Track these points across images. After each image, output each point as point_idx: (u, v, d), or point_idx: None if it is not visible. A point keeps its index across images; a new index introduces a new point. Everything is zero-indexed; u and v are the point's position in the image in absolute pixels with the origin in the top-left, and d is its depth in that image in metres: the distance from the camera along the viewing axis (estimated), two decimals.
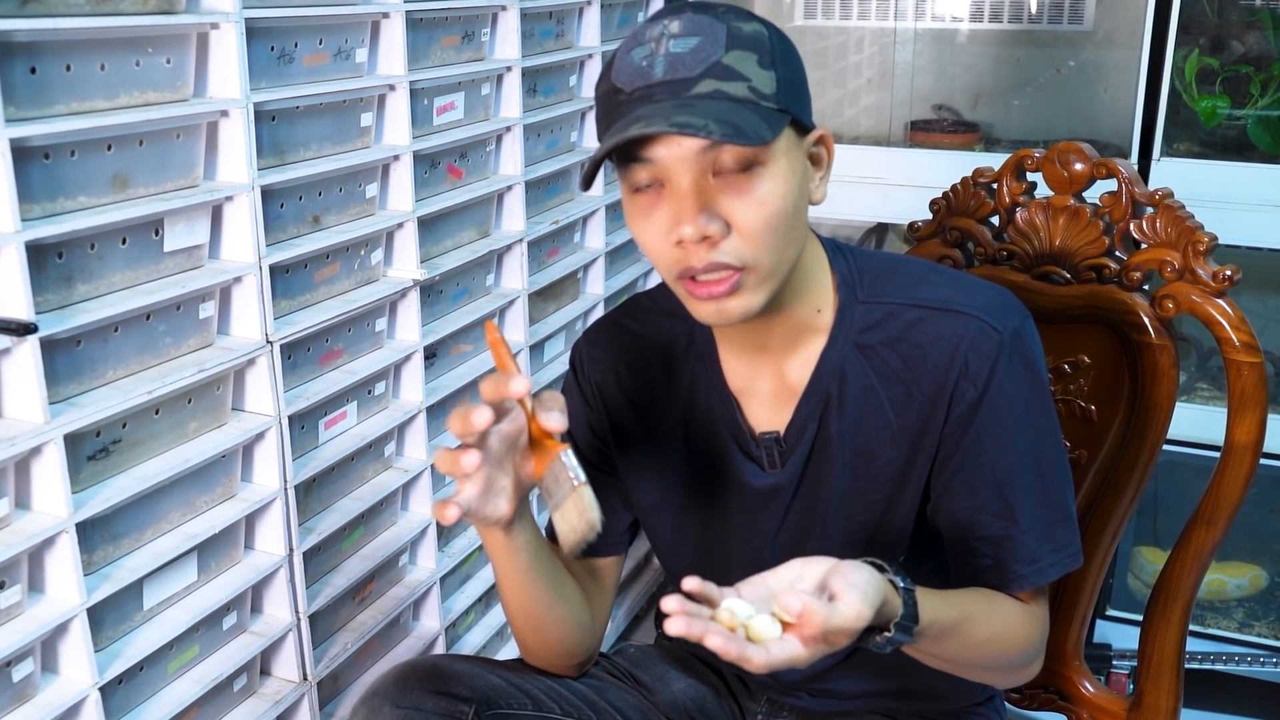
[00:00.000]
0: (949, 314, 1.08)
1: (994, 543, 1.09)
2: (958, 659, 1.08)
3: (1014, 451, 1.08)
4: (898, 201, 2.25)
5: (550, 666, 1.22)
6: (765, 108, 0.96)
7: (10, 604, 1.17)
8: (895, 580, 0.95)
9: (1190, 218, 1.31)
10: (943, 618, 0.99)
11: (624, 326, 1.22)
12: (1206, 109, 2.10)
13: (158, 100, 1.26)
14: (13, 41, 1.08)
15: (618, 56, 0.99)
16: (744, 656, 0.84)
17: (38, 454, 1.16)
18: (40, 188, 1.14)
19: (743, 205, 0.97)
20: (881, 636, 0.93)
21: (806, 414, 1.12)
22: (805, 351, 1.11)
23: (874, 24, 2.47)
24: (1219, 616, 2.26)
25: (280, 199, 1.43)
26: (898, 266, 1.14)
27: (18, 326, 1.09)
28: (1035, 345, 1.10)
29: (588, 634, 1.21)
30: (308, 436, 1.54)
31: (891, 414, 1.09)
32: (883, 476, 1.11)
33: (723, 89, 0.95)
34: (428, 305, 1.72)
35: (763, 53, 0.97)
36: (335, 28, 1.49)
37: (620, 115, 0.97)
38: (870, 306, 1.10)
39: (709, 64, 0.95)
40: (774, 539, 1.16)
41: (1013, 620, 1.10)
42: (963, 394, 1.07)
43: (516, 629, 1.20)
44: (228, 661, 1.43)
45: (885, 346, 1.09)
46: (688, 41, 0.96)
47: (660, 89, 0.96)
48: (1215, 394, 2.21)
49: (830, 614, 0.86)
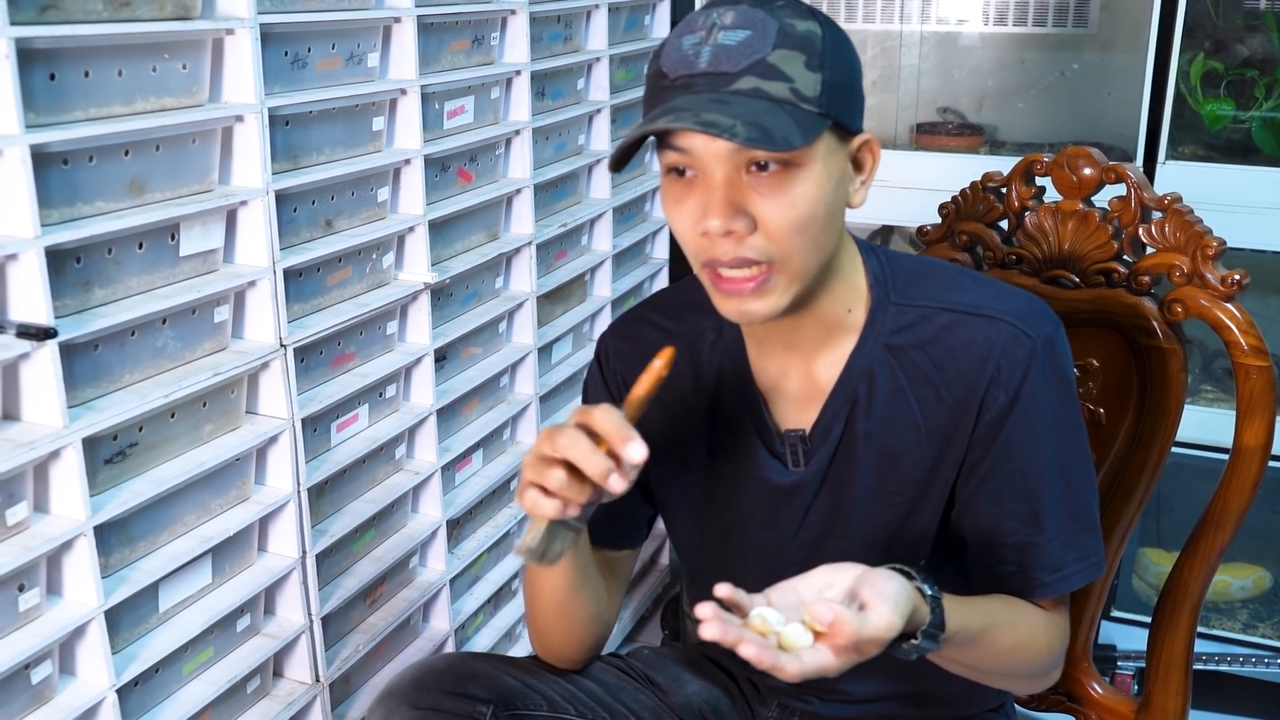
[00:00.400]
0: (982, 319, 1.08)
1: (1019, 550, 1.10)
2: (980, 665, 1.08)
3: (1043, 459, 1.08)
4: (903, 204, 2.26)
5: (562, 660, 1.23)
6: (804, 110, 0.95)
7: (29, 606, 1.18)
8: (923, 588, 0.95)
9: (1199, 222, 1.32)
10: (968, 625, 0.99)
11: (650, 321, 1.22)
12: (1211, 112, 2.11)
13: (174, 106, 1.26)
14: (33, 48, 1.09)
15: (669, 40, 0.99)
16: (777, 665, 0.85)
17: (56, 458, 1.17)
18: (59, 193, 1.15)
19: (773, 205, 0.96)
20: (909, 644, 0.94)
21: (833, 413, 1.12)
22: (835, 351, 1.11)
23: (879, 27, 2.48)
24: (1223, 618, 2.27)
25: (293, 203, 1.44)
26: (931, 270, 1.15)
27: (38, 331, 1.10)
28: (1066, 355, 1.11)
29: (604, 627, 1.22)
30: (320, 439, 1.54)
31: (920, 416, 1.10)
32: (907, 479, 1.12)
33: (763, 88, 0.95)
34: (438, 308, 1.73)
35: (812, 54, 0.96)
36: (348, 32, 1.49)
37: (660, 101, 0.97)
38: (903, 308, 1.10)
39: (753, 61, 0.95)
40: (794, 537, 1.17)
41: (1036, 628, 1.11)
42: (994, 399, 1.07)
43: (542, 622, 1.20)
44: (242, 663, 1.44)
45: (916, 349, 1.09)
46: (737, 34, 0.95)
47: (701, 80, 0.96)
48: (1219, 396, 2.22)
49: (862, 624, 0.86)
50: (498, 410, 1.95)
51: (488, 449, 1.94)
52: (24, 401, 1.16)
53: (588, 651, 1.23)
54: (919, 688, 1.23)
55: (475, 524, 1.93)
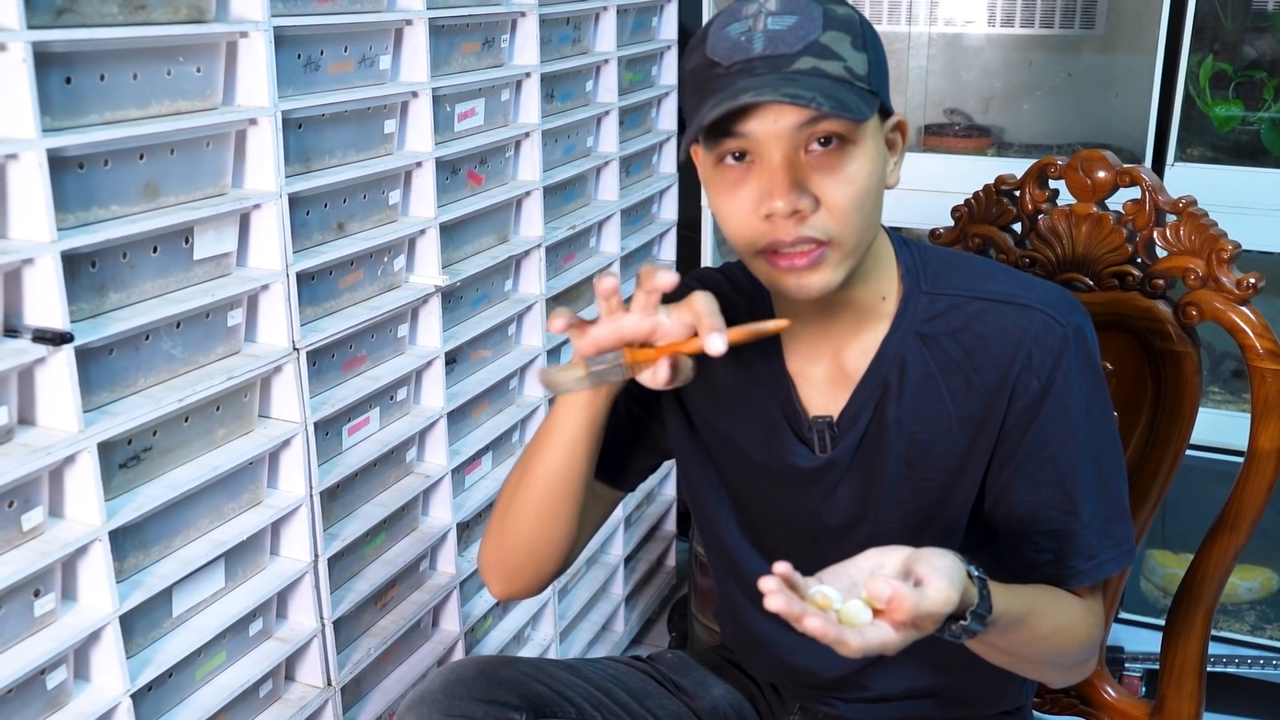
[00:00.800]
0: (1013, 307, 1.09)
1: (1055, 537, 1.10)
2: (1021, 652, 1.08)
3: (1077, 446, 1.09)
4: (911, 206, 2.25)
5: (516, 576, 1.21)
6: (859, 88, 0.98)
7: (44, 612, 1.17)
8: (970, 569, 0.95)
9: (1214, 225, 1.32)
10: (1012, 609, 0.99)
11: (717, 281, 1.21)
12: (1220, 114, 2.10)
13: (188, 109, 1.26)
14: (49, 52, 1.08)
15: (711, 32, 1.00)
16: (841, 639, 0.85)
17: (71, 463, 1.17)
18: (74, 197, 1.15)
19: (833, 182, 0.98)
20: (957, 625, 0.94)
21: (862, 400, 1.12)
22: (866, 338, 1.12)
23: (886, 28, 2.47)
24: (1231, 619, 2.27)
25: (306, 206, 1.44)
26: (961, 260, 1.16)
27: (54, 336, 1.10)
28: (1095, 343, 1.12)
29: (570, 554, 1.21)
30: (331, 443, 1.54)
31: (951, 404, 1.10)
32: (937, 466, 1.12)
33: (821, 67, 0.97)
34: (447, 311, 1.73)
35: (855, 35, 0.99)
36: (360, 35, 1.49)
37: (721, 87, 0.97)
38: (934, 297, 1.11)
39: (808, 42, 0.97)
40: (822, 521, 1.17)
41: (1074, 615, 1.11)
42: (1025, 386, 1.08)
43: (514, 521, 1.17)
44: (254, 668, 1.43)
45: (947, 336, 1.10)
46: (786, 20, 0.97)
47: (761, 63, 0.97)
48: (1228, 398, 2.22)
49: (920, 599, 0.86)
50: (507, 413, 1.94)
51: (497, 452, 1.94)
52: (39, 406, 1.15)
53: (546, 575, 1.21)
54: (940, 686, 1.23)
55: (484, 527, 1.93)
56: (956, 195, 1.49)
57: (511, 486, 1.18)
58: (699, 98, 1.00)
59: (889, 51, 2.60)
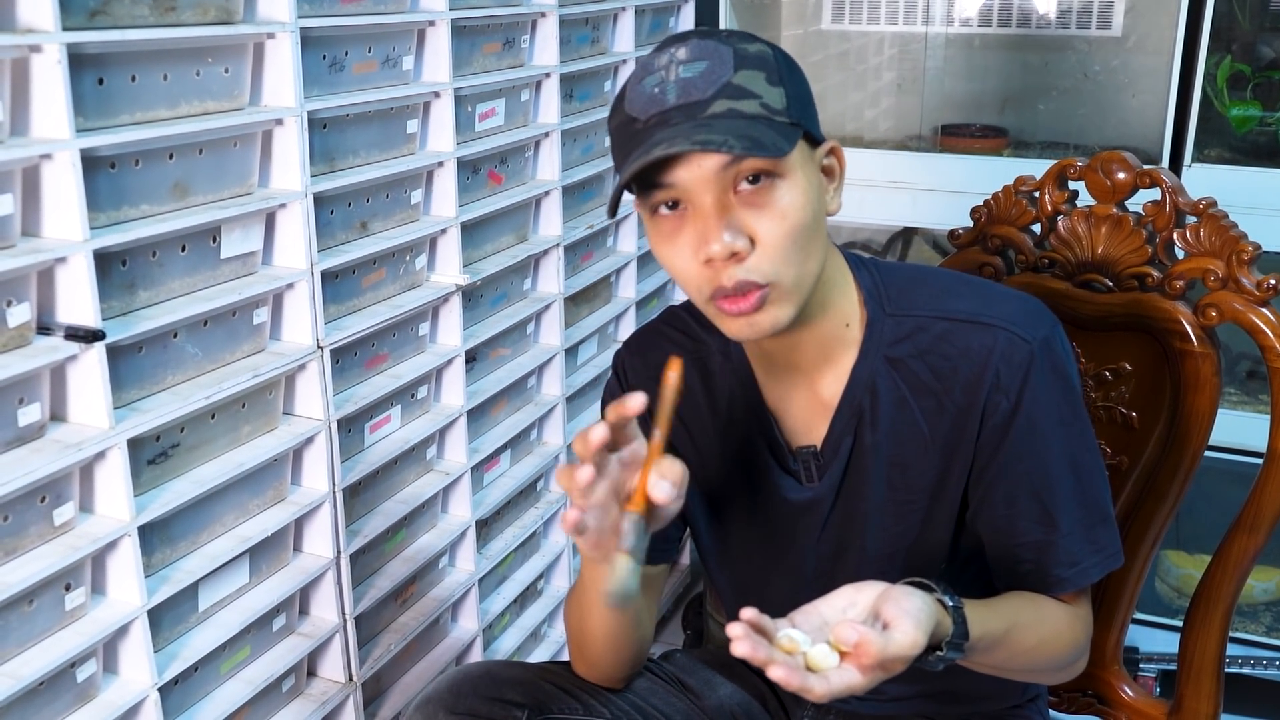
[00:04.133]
0: (977, 326, 1.09)
1: (1035, 548, 1.11)
2: (1007, 666, 1.10)
3: (1050, 458, 1.10)
4: (927, 206, 2.26)
5: (607, 680, 1.24)
6: (778, 122, 0.98)
7: (75, 606, 1.19)
8: (944, 599, 0.96)
9: (1234, 227, 1.32)
10: (991, 630, 1.01)
11: (665, 334, 1.23)
12: (1238, 115, 2.11)
13: (216, 109, 1.27)
14: (83, 53, 1.10)
15: (629, 88, 1.01)
16: (806, 687, 0.87)
17: (102, 459, 1.18)
18: (106, 197, 1.16)
19: (765, 219, 0.98)
20: (934, 656, 0.95)
21: (841, 428, 1.13)
22: (837, 366, 1.12)
23: (902, 28, 2.48)
24: (1247, 620, 2.27)
25: (330, 206, 1.45)
26: (923, 278, 1.15)
27: (86, 334, 1.11)
28: (1065, 351, 1.12)
29: (646, 645, 1.23)
30: (354, 440, 1.55)
31: (924, 425, 1.11)
32: (917, 487, 1.13)
33: (736, 107, 0.97)
34: (467, 310, 1.74)
35: (770, 70, 0.99)
36: (384, 36, 1.50)
37: (639, 142, 0.98)
38: (899, 320, 1.11)
39: (720, 84, 0.97)
40: (812, 551, 1.18)
41: (1059, 623, 1.12)
42: (995, 405, 1.08)
43: (591, 649, 1.20)
44: (277, 662, 1.45)
45: (915, 359, 1.10)
46: (697, 66, 0.98)
47: (675, 113, 0.97)
48: (1244, 399, 2.22)
49: (886, 643, 0.88)
50: (525, 411, 1.96)
51: (515, 450, 1.95)
52: (70, 403, 1.17)
53: (632, 669, 1.24)
54: (952, 685, 1.24)
55: (503, 524, 1.94)
56: (973, 196, 1.50)
57: (577, 624, 1.20)
58: (623, 154, 1.01)
59: (904, 52, 2.60)
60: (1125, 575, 1.41)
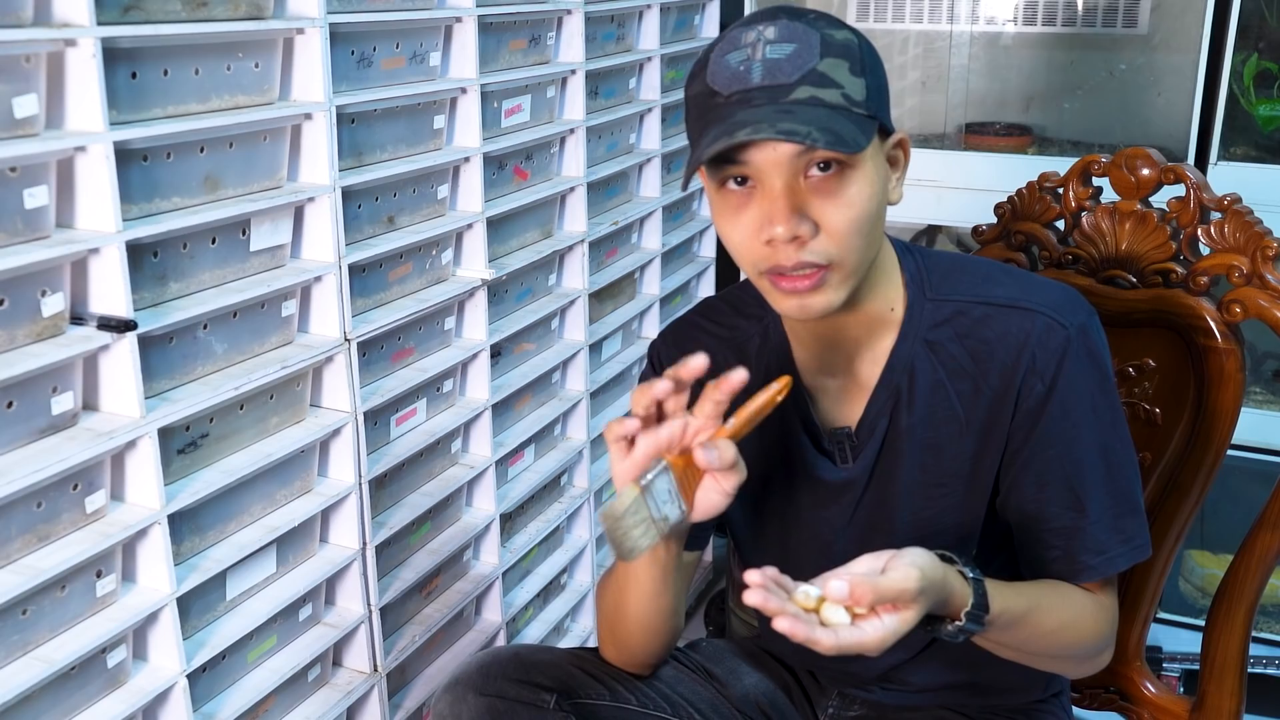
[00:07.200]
0: (1016, 310, 1.10)
1: (1063, 534, 1.12)
2: (1027, 648, 1.10)
3: (1081, 445, 1.10)
4: (951, 204, 2.26)
5: (636, 665, 1.25)
6: (857, 114, 0.99)
7: (106, 592, 1.21)
8: (965, 571, 0.98)
9: (1259, 223, 1.32)
10: (1012, 607, 1.02)
11: (700, 325, 1.24)
12: (1264, 113, 2.10)
13: (246, 104, 1.29)
14: (116, 48, 1.11)
15: (712, 59, 1.01)
16: (813, 639, 0.88)
17: (133, 447, 1.20)
18: (139, 189, 1.18)
19: (832, 207, 0.99)
20: (953, 625, 0.97)
21: (878, 409, 1.14)
22: (876, 348, 1.13)
23: (927, 27, 2.48)
24: (1271, 621, 2.26)
25: (358, 200, 1.47)
26: (965, 265, 1.17)
27: (119, 324, 1.13)
28: (1101, 341, 1.13)
29: (678, 631, 1.24)
30: (380, 433, 1.57)
31: (960, 409, 1.12)
32: (950, 471, 1.14)
33: (819, 95, 0.97)
34: (493, 304, 1.75)
35: (853, 60, 1.00)
36: (411, 32, 1.52)
37: (720, 118, 0.99)
38: (939, 304, 1.13)
39: (805, 71, 0.98)
40: (843, 533, 1.19)
41: (1082, 610, 1.12)
42: (1030, 389, 1.09)
43: (622, 629, 1.21)
44: (303, 652, 1.46)
45: (953, 342, 1.11)
46: (784, 48, 0.98)
47: (759, 94, 0.98)
48: (1269, 398, 2.21)
49: (878, 581, 0.90)
50: (549, 406, 1.97)
51: (539, 444, 1.96)
52: (102, 392, 1.19)
53: (661, 655, 1.25)
54: (976, 676, 1.25)
55: (526, 518, 1.95)
56: (998, 194, 1.50)
57: (611, 604, 1.21)
58: (701, 125, 1.02)
59: (929, 51, 2.60)
60: (1149, 571, 1.41)
